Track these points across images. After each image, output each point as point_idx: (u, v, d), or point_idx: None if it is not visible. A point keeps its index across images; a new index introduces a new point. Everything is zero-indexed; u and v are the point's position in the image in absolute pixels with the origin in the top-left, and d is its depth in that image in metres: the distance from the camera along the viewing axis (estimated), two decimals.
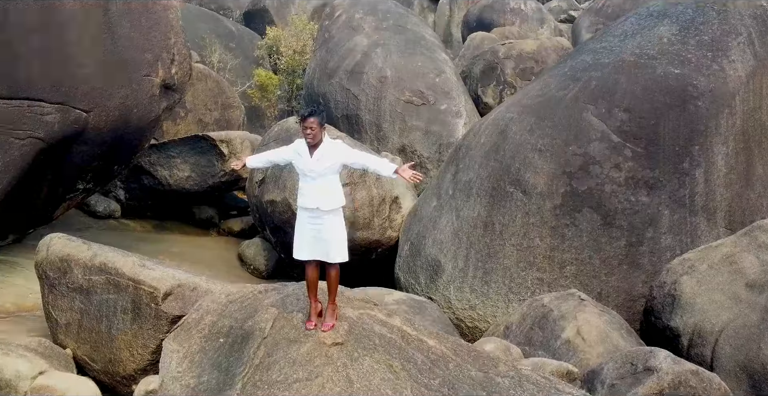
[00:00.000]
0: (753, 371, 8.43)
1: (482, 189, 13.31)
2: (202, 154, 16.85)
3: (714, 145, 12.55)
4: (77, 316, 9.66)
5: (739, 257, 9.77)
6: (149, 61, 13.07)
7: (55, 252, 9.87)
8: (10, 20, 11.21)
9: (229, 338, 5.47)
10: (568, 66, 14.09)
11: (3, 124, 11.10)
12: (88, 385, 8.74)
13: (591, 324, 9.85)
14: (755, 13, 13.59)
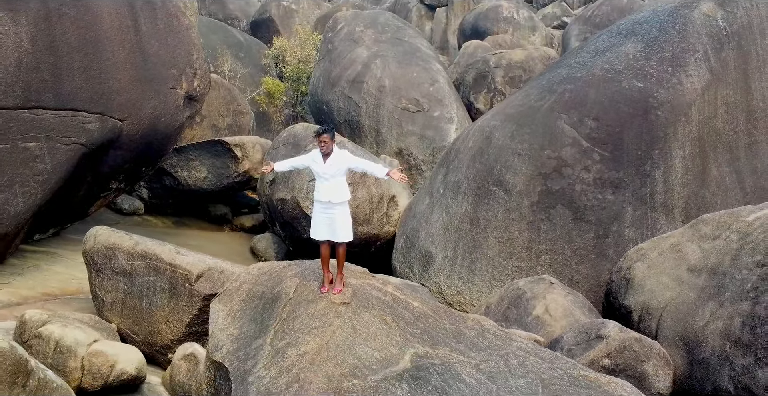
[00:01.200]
0: (688, 339, 10.12)
1: (469, 188, 15.02)
2: (217, 156, 18.58)
3: (672, 149, 14.26)
4: (121, 295, 11.36)
5: (683, 246, 11.45)
6: (175, 75, 14.78)
7: (101, 241, 11.58)
8: (56, 42, 12.91)
9: (262, 300, 7.17)
10: (546, 79, 15.82)
11: (51, 131, 12.80)
12: (133, 351, 10.42)
13: (557, 303, 11.54)
14: (711, 31, 15.30)
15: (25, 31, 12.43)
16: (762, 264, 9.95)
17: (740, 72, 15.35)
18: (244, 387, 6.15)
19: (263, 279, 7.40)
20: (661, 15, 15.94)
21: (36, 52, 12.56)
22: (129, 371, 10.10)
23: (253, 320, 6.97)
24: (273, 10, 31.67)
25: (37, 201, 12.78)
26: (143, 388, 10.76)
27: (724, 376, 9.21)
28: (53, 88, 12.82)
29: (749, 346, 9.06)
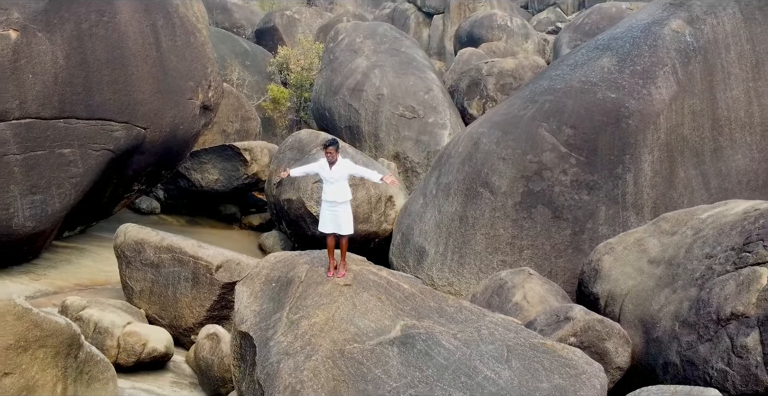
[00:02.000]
0: (645, 321, 11.60)
1: (459, 189, 16.53)
2: (228, 160, 20.08)
3: (642, 154, 15.77)
4: (149, 284, 12.88)
5: (645, 241, 12.94)
6: (192, 87, 16.29)
7: (131, 236, 13.09)
8: (87, 59, 14.42)
9: (279, 283, 8.64)
10: (529, 90, 17.34)
11: (83, 139, 14.31)
12: (162, 332, 11.95)
13: (534, 291, 13.02)
14: (679, 47, 16.80)
15: (60, 50, 13.94)
16: (710, 255, 11.45)
17: (706, 83, 16.85)
18: (266, 349, 7.64)
19: (279, 266, 8.89)
20: (635, 31, 17.45)
21: (70, 68, 14.07)
22: (159, 349, 11.64)
23: (271, 299, 8.46)
24: (277, 19, 33.17)
25: (70, 201, 14.29)
26: (169, 364, 12.30)
27: (673, 351, 10.71)
28: (85, 100, 14.34)
29: (693, 326, 10.56)
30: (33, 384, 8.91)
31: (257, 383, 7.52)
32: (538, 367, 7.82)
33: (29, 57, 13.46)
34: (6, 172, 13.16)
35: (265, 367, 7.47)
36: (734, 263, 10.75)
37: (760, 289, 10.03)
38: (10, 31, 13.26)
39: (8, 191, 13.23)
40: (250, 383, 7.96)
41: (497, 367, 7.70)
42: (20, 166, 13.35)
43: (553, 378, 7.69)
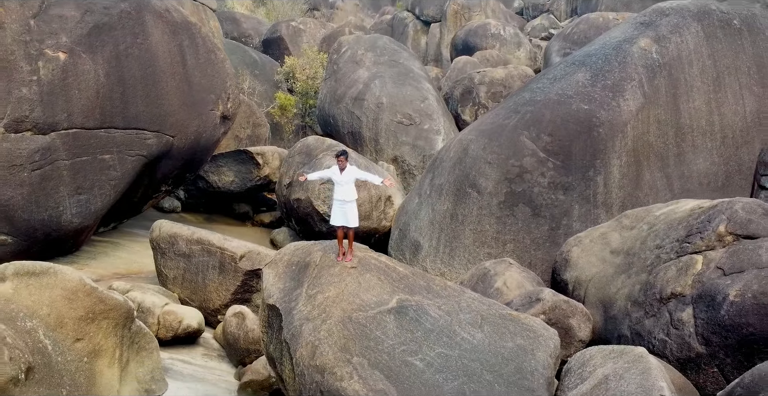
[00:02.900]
0: (604, 302, 13.65)
1: (450, 190, 18.58)
2: (242, 163, 22.14)
3: (611, 159, 17.83)
4: (181, 272, 14.94)
5: (609, 235, 15.00)
6: (213, 99, 18.35)
7: (165, 231, 15.16)
8: (124, 76, 16.49)
9: (298, 266, 10.68)
10: (512, 101, 19.40)
11: (121, 146, 16.37)
12: (195, 311, 14.01)
13: (513, 278, 15.06)
14: (646, 63, 18.86)
15: (101, 68, 16.02)
16: (659, 246, 13.50)
17: (670, 96, 18.90)
18: (290, 317, 9.70)
19: (298, 252, 10.96)
20: (607, 48, 19.50)
21: (109, 84, 16.15)
22: (193, 325, 13.72)
23: (292, 279, 10.53)
24: (283, 29, 35.21)
25: (109, 200, 16.36)
26: (200, 340, 14.39)
27: (625, 326, 12.76)
28: (122, 112, 16.41)
29: (641, 304, 12.61)
30: (98, 348, 10.97)
31: (284, 342, 9.59)
32: (505, 331, 9.88)
33: (75, 75, 15.53)
34: (56, 176, 15.24)
35: (290, 329, 9.54)
36: (677, 252, 12.81)
37: (695, 273, 12.10)
38: (60, 53, 15.33)
39: (58, 192, 15.30)
40: (277, 344, 10.03)
41: (472, 331, 9.76)
42: (68, 170, 15.42)
43: (516, 339, 9.76)
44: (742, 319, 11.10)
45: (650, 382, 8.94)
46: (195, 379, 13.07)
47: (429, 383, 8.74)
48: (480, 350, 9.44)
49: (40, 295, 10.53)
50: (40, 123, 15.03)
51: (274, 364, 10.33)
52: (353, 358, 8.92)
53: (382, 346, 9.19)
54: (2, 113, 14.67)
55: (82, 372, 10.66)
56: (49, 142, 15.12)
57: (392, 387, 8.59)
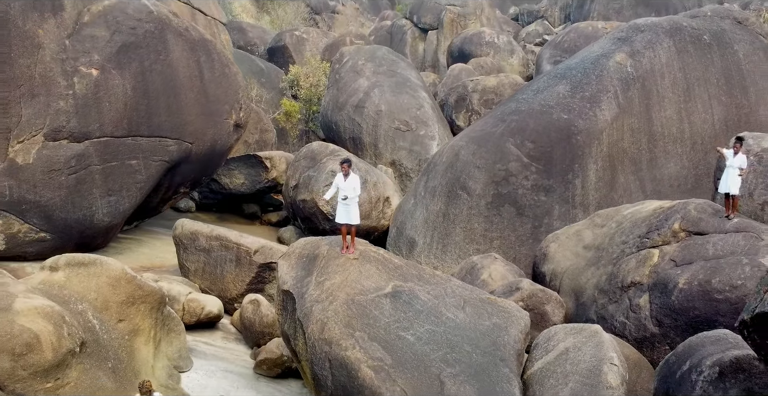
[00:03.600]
0: (576, 291, 15.46)
1: (442, 191, 20.39)
2: (252, 167, 23.97)
3: (588, 164, 19.65)
4: (201, 265, 16.75)
5: (582, 232, 16.83)
6: (227, 110, 20.17)
7: (186, 228, 16.97)
8: (149, 90, 18.31)
9: (308, 258, 12.48)
10: (500, 110, 21.22)
11: (146, 152, 18.18)
12: (215, 299, 15.82)
13: (497, 271, 16.87)
14: (621, 76, 20.68)
15: (128, 83, 17.84)
16: (624, 242, 15.32)
17: (643, 106, 20.73)
18: (303, 300, 11.52)
19: (308, 246, 12.78)
20: (586, 62, 21.33)
21: (136, 97, 17.97)
22: (213, 311, 15.55)
23: (303, 268, 12.35)
24: (287, 38, 37.02)
25: (136, 201, 18.19)
26: (219, 325, 16.20)
27: (592, 311, 14.57)
28: (146, 122, 18.23)
29: (606, 292, 14.43)
30: (137, 328, 12.80)
31: (298, 321, 11.41)
32: (483, 312, 11.71)
33: (106, 89, 17.37)
34: (90, 179, 17.07)
35: (302, 310, 11.36)
36: (638, 247, 14.64)
37: (652, 264, 13.92)
38: (92, 70, 17.17)
39: (91, 193, 17.13)
40: (291, 323, 11.85)
41: (456, 312, 11.58)
42: (100, 174, 17.25)
43: (492, 318, 11.58)
44: (690, 303, 12.92)
45: (602, 353, 10.77)
46: (216, 358, 14.89)
47: (418, 353, 10.56)
48: (462, 327, 11.26)
49: (88, 282, 12.35)
50: (76, 132, 16.85)
51: (288, 340, 12.15)
52: (355, 333, 10.74)
53: (380, 323, 11.01)
54: (42, 124, 16.50)
55: (124, 348, 12.48)
56: (83, 149, 16.95)
57: (388, 355, 10.41)
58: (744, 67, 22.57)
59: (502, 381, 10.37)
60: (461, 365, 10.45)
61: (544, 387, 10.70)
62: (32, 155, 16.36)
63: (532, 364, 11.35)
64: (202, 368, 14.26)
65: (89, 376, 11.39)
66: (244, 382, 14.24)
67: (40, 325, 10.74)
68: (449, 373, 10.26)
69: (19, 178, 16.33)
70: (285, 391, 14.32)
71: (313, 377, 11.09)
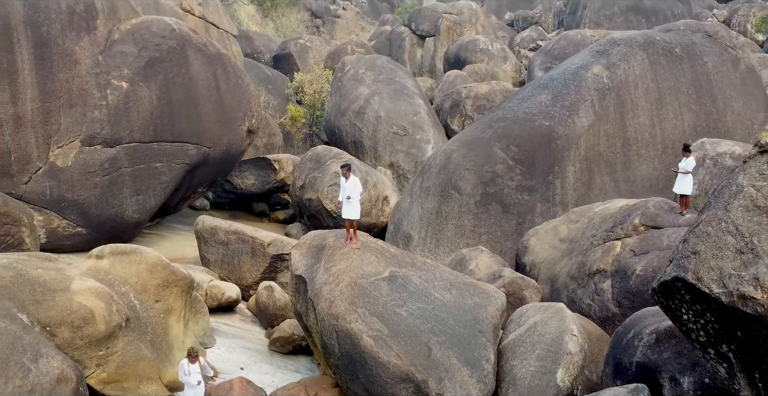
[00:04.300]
0: (551, 278, 17.54)
1: (436, 191, 22.48)
2: (262, 169, 26.07)
3: (567, 166, 21.74)
4: (220, 256, 18.84)
5: (559, 227, 18.92)
6: (240, 117, 22.27)
7: (207, 224, 19.07)
8: (172, 100, 20.40)
9: (317, 247, 14.56)
10: (488, 117, 23.32)
11: (169, 156, 20.27)
12: (234, 286, 17.91)
13: (484, 261, 18.96)
14: (598, 86, 22.78)
15: (154, 94, 19.94)
16: (593, 235, 17.41)
17: (618, 113, 22.83)
18: (313, 282, 13.61)
19: (316, 238, 14.89)
20: (567, 74, 23.43)
21: (160, 106, 20.06)
22: (232, 296, 17.64)
23: (312, 257, 14.45)
24: (291, 46, 39.13)
25: (160, 200, 20.29)
26: (236, 309, 18.29)
27: (564, 295, 16.66)
28: (170, 129, 20.32)
29: (576, 278, 16.53)
30: (170, 308, 14.88)
31: (309, 300, 13.51)
32: (466, 293, 13.81)
33: (135, 100, 19.47)
34: (120, 180, 19.17)
35: (313, 291, 13.46)
36: (604, 239, 16.74)
37: (614, 254, 16.02)
38: (123, 82, 19.27)
39: (122, 193, 19.23)
40: (303, 302, 13.95)
41: (443, 293, 13.68)
42: (129, 175, 19.35)
43: (474, 298, 13.68)
44: (645, 287, 15.00)
45: (564, 326, 12.87)
46: (235, 336, 16.99)
47: (410, 325, 12.66)
48: (448, 305, 13.36)
49: (130, 268, 14.44)
50: (108, 138, 18.96)
51: (300, 317, 14.26)
52: (358, 309, 12.84)
53: (378, 301, 13.11)
54: (79, 131, 18.60)
55: (160, 325, 14.57)
56: (115, 153, 19.05)
57: (385, 327, 12.52)
58: (713, 77, 24.70)
59: (480, 348, 12.48)
60: (446, 335, 12.55)
61: (516, 354, 12.80)
62: (70, 159, 18.46)
63: (507, 336, 13.45)
64: (223, 345, 16.35)
65: (132, 347, 13.46)
66: (260, 357, 16.34)
67: (94, 302, 12.81)
68: (436, 341, 12.36)
69: (59, 179, 18.42)
70: (295, 365, 16.42)
71: (323, 346, 13.19)
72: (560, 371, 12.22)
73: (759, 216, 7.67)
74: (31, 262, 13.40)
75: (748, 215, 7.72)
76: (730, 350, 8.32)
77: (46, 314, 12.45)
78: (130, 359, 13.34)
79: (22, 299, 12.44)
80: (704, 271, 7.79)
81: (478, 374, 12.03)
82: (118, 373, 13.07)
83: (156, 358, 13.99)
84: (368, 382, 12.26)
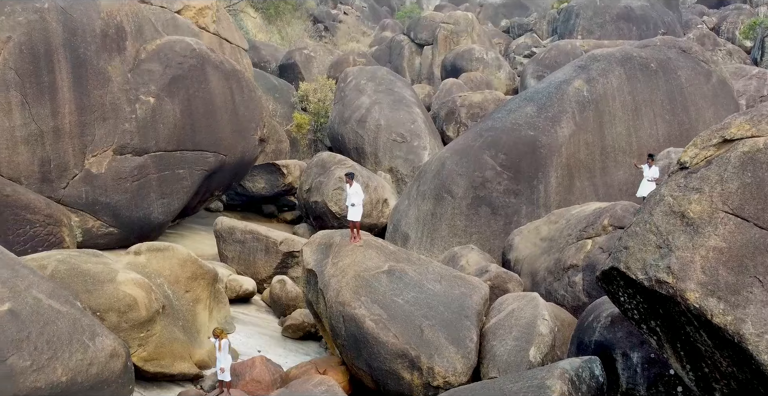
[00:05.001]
0: (532, 273, 19.75)
1: (431, 194, 24.70)
2: (271, 173, 28.32)
3: (550, 172, 23.96)
4: (237, 253, 21.08)
5: (540, 227, 21.15)
6: (253, 127, 24.52)
7: (225, 224, 21.31)
8: (193, 112, 22.64)
9: (325, 245, 16.75)
10: (479, 127, 25.55)
11: (191, 163, 22.51)
12: (250, 280, 20.16)
13: (473, 258, 21.16)
14: (578, 99, 25.00)
15: (177, 107, 22.17)
16: (569, 235, 19.62)
17: (597, 124, 25.04)
18: (322, 275, 15.83)
19: (324, 237, 17.12)
20: (551, 87, 25.64)
21: (183, 118, 22.29)
22: (249, 289, 19.88)
23: (321, 253, 16.68)
24: (296, 56, 41.37)
25: (182, 203, 22.53)
26: (252, 300, 20.54)
27: (542, 288, 18.86)
28: (191, 138, 22.56)
29: (553, 272, 18.74)
30: (198, 298, 17.10)
31: (319, 290, 15.74)
32: (454, 284, 16.03)
33: (161, 114, 21.70)
34: (148, 185, 21.41)
35: (322, 282, 15.68)
36: (577, 238, 18.96)
37: (586, 251, 18.24)
38: (150, 98, 21.50)
39: (149, 196, 21.48)
40: (313, 292, 16.18)
41: (434, 284, 15.90)
42: (156, 181, 21.59)
43: (461, 289, 15.91)
44: None
45: (537, 311, 15.10)
46: (252, 324, 19.23)
47: (406, 311, 14.88)
48: (438, 294, 15.59)
49: (164, 263, 16.67)
50: (137, 148, 21.19)
51: (311, 305, 16.50)
52: (361, 298, 15.07)
53: (379, 291, 15.34)
54: (112, 141, 20.85)
55: (189, 312, 16.80)
56: (143, 161, 21.29)
57: (384, 312, 14.74)
58: (686, 89, 26.91)
59: (465, 330, 14.71)
60: (436, 319, 14.78)
61: (496, 335, 15.03)
62: (104, 166, 20.69)
63: (489, 321, 15.68)
64: (242, 331, 18.59)
65: (168, 330, 15.68)
66: (274, 342, 18.59)
67: (137, 291, 15.04)
68: (427, 324, 14.59)
69: (94, 185, 20.65)
70: (306, 349, 18.66)
71: (331, 329, 15.43)
72: (533, 349, 14.45)
73: (674, 219, 9.89)
74: (81, 258, 15.64)
75: (666, 219, 9.95)
76: (657, 325, 10.55)
77: (96, 302, 14.67)
78: (166, 340, 15.56)
79: (76, 289, 14.66)
80: (632, 262, 10.02)
81: (463, 351, 14.26)
82: (156, 352, 15.30)
83: (187, 340, 16.22)
84: (370, 359, 14.48)
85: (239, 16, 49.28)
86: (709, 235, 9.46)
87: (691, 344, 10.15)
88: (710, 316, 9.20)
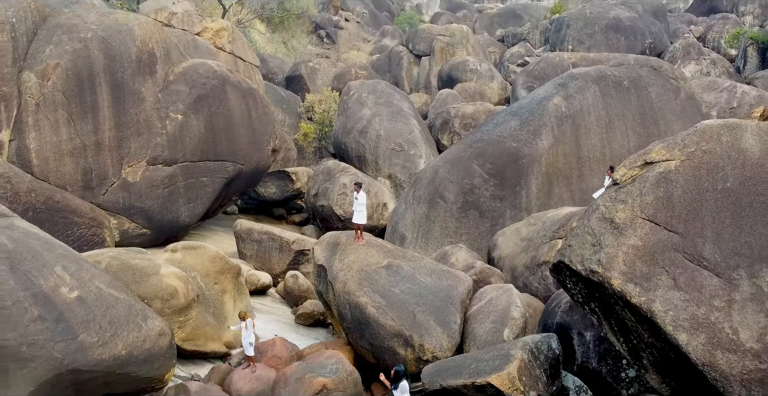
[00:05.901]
0: (512, 269, 22.68)
1: (426, 199, 27.66)
2: (281, 179, 31.27)
3: (531, 180, 26.92)
4: (255, 251, 24.05)
5: (521, 228, 24.11)
6: (267, 139, 27.49)
7: (244, 226, 24.29)
8: (214, 127, 25.62)
9: (332, 244, 19.66)
10: (468, 139, 28.51)
11: (213, 172, 25.49)
12: (267, 274, 23.13)
13: (462, 256, 24.11)
14: (557, 114, 27.95)
15: (201, 123, 25.14)
16: (544, 235, 22.57)
17: (574, 136, 27.99)
18: (331, 269, 18.79)
19: (332, 237, 20.10)
20: (533, 103, 28.60)
21: (206, 133, 25.27)
22: (266, 282, 22.86)
23: (330, 251, 19.65)
24: (302, 69, 44.36)
25: (205, 207, 25.51)
26: (268, 292, 23.51)
27: (520, 281, 21.81)
28: (213, 150, 25.53)
29: (529, 268, 21.70)
30: (225, 289, 20.05)
31: (328, 282, 18.71)
32: (443, 277, 19.00)
33: (187, 129, 24.68)
34: (177, 192, 24.38)
35: (331, 275, 18.65)
36: (550, 238, 21.92)
37: (556, 249, 21.17)
38: (178, 115, 24.48)
39: (177, 202, 24.45)
40: (323, 284, 19.16)
41: (426, 277, 18.86)
42: (183, 188, 24.56)
43: (448, 281, 18.87)
44: None
45: (511, 299, 18.07)
46: (269, 313, 22.20)
47: (401, 299, 17.85)
48: (429, 286, 18.55)
49: (197, 259, 19.62)
50: (167, 159, 24.16)
51: (321, 295, 19.47)
52: (364, 288, 18.03)
53: (379, 283, 18.30)
54: (145, 154, 23.82)
55: (218, 301, 19.75)
56: (172, 171, 24.26)
57: (383, 300, 17.71)
58: (656, 104, 29.87)
59: (450, 315, 17.68)
60: (426, 306, 17.74)
61: (477, 320, 18.00)
62: (138, 175, 23.66)
63: (471, 308, 18.64)
64: (260, 319, 21.53)
65: (201, 316, 18.64)
66: (288, 328, 21.55)
67: (177, 282, 17.99)
68: (419, 310, 17.56)
69: (130, 191, 23.62)
70: (316, 334, 21.61)
71: (339, 315, 18.40)
72: (506, 330, 17.41)
73: (605, 224, 12.85)
74: (129, 254, 18.60)
75: (599, 223, 12.92)
76: (596, 306, 13.52)
77: (143, 291, 17.63)
78: (200, 324, 18.52)
79: (126, 280, 17.62)
80: (574, 257, 12.99)
81: (448, 332, 17.24)
82: (193, 333, 18.26)
83: (216, 324, 19.18)
84: (372, 338, 17.45)
85: (248, 31, 52.29)
86: (630, 236, 12.43)
87: (621, 321, 13.12)
88: (629, 298, 12.17)
